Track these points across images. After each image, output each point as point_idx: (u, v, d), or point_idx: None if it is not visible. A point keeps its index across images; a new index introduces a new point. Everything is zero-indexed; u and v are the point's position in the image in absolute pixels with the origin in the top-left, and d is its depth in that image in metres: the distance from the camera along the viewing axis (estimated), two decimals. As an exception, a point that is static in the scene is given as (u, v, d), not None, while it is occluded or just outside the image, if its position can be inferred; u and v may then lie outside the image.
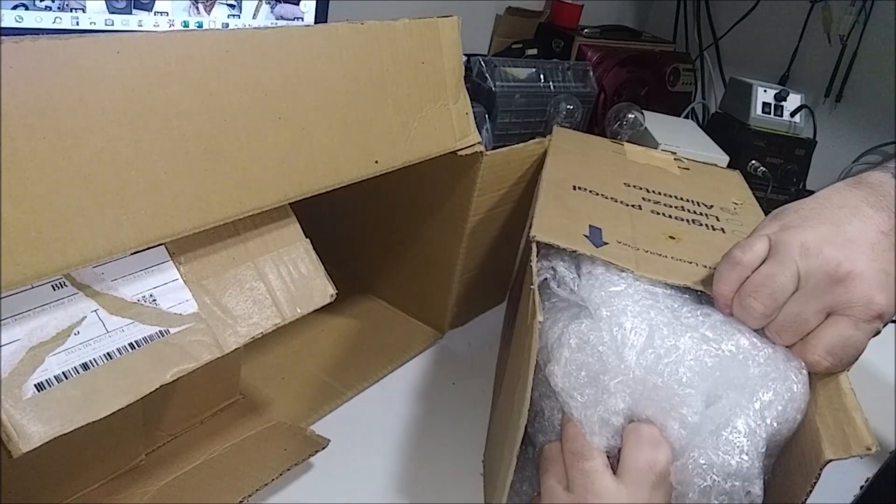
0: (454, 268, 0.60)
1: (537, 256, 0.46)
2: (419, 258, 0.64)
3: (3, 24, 0.59)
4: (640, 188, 0.60)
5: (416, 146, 0.49)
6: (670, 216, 0.56)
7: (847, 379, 0.38)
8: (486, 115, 0.91)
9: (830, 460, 0.35)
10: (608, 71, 1.17)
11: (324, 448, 0.46)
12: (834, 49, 1.25)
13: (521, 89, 0.95)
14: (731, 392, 0.39)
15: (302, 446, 0.46)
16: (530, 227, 0.47)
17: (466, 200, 0.57)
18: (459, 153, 0.53)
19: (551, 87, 0.98)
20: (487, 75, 0.93)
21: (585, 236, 0.48)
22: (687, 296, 0.45)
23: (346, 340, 0.62)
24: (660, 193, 0.60)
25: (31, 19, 0.60)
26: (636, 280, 0.45)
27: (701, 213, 0.58)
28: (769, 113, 1.12)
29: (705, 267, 0.47)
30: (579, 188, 0.56)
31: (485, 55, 1.08)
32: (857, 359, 0.39)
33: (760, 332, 0.41)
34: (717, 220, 0.57)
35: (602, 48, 1.19)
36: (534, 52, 1.19)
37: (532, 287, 0.42)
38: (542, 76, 0.98)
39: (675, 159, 0.70)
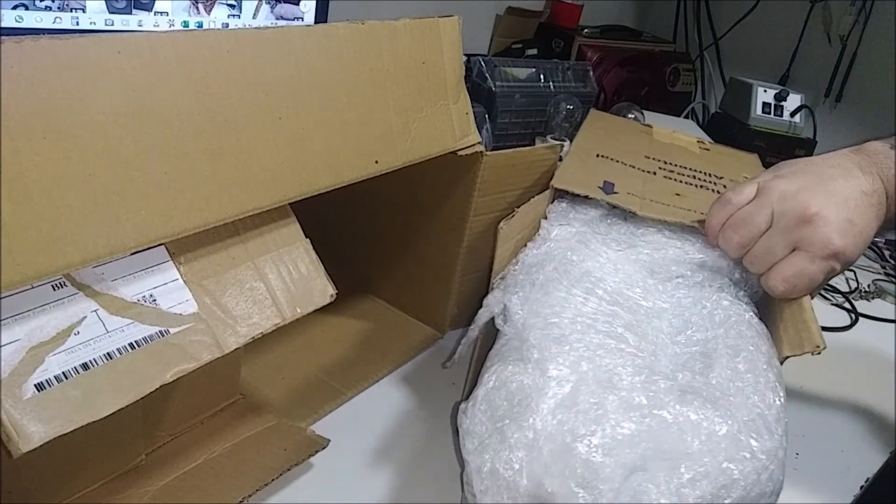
0: (454, 268, 0.60)
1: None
2: (419, 258, 0.64)
3: (3, 24, 0.59)
4: (659, 160, 0.66)
5: (417, 146, 0.49)
6: (681, 181, 0.62)
7: (808, 300, 0.46)
8: (486, 115, 0.91)
9: (787, 357, 0.43)
10: (608, 71, 1.17)
11: (324, 448, 0.46)
12: (834, 49, 1.26)
13: (521, 89, 0.95)
14: (655, 464, 0.36)
15: (302, 446, 0.46)
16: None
17: (466, 200, 0.57)
18: (459, 153, 0.53)
19: (551, 87, 0.99)
20: (487, 75, 0.93)
21: (599, 187, 0.55)
22: (640, 359, 0.42)
23: (346, 340, 0.62)
24: (675, 165, 0.66)
25: (31, 19, 0.60)
26: (590, 324, 0.43)
27: (710, 182, 0.64)
28: (769, 113, 1.12)
29: (702, 214, 0.52)
30: (602, 156, 0.63)
31: (485, 55, 1.08)
32: (811, 289, 0.46)
33: (716, 406, 0.38)
34: (725, 187, 0.62)
35: (602, 48, 1.19)
36: (534, 52, 1.19)
37: (516, 209, 0.47)
38: (542, 76, 0.98)
39: (697, 141, 0.77)
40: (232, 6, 0.72)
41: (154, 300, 0.36)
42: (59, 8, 0.61)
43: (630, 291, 0.48)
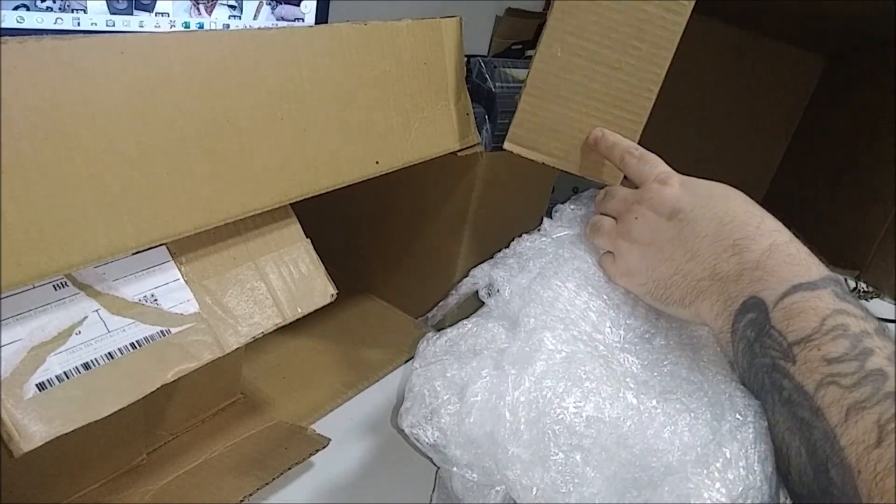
0: (454, 268, 0.60)
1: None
2: (419, 258, 0.64)
3: (5, 25, 0.59)
4: None
5: (418, 147, 0.49)
6: None
7: None
8: (486, 116, 0.91)
9: None
10: (608, 72, 1.17)
11: (324, 447, 0.46)
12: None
13: (520, 90, 0.95)
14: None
15: (302, 445, 0.46)
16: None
17: (466, 201, 0.57)
18: (460, 154, 0.53)
19: (551, 87, 0.98)
20: (487, 76, 0.93)
21: None
22: (606, 353, 0.43)
23: (346, 340, 0.62)
24: None
25: (32, 20, 0.60)
26: (570, 310, 0.44)
27: None
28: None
29: None
30: None
31: (485, 56, 1.08)
32: None
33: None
34: None
35: (602, 49, 1.19)
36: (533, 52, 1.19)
37: None
38: (542, 77, 0.98)
39: None
40: (233, 7, 0.72)
41: (155, 300, 0.36)
42: (60, 9, 0.61)
43: (615, 291, 0.48)
